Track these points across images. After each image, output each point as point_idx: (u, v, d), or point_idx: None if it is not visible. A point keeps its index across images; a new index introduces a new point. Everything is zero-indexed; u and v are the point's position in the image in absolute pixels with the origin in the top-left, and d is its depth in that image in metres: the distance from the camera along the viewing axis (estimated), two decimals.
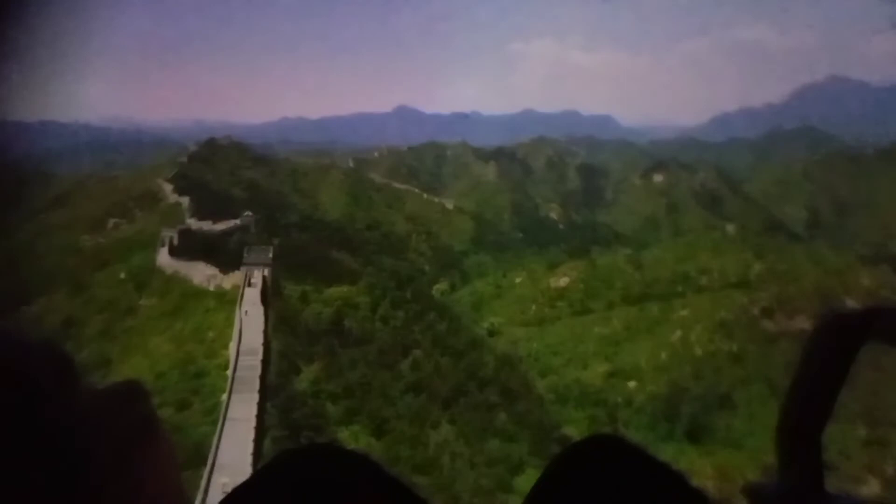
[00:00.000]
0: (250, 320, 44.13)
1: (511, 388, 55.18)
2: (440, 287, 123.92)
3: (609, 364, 69.26)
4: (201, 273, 55.58)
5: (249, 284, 52.67)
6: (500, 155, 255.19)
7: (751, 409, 56.63)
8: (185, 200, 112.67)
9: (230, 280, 54.21)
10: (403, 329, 54.77)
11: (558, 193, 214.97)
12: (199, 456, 28.93)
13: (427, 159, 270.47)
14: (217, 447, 28.63)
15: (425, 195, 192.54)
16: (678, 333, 71.40)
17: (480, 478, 39.51)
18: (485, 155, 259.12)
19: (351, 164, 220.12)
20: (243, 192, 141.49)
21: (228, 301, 47.41)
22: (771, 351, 63.93)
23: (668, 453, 48.56)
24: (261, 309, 45.79)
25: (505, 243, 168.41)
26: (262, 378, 33.52)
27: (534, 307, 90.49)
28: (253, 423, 29.54)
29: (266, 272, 50.67)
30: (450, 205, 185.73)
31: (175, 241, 69.96)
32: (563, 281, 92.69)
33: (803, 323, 64.48)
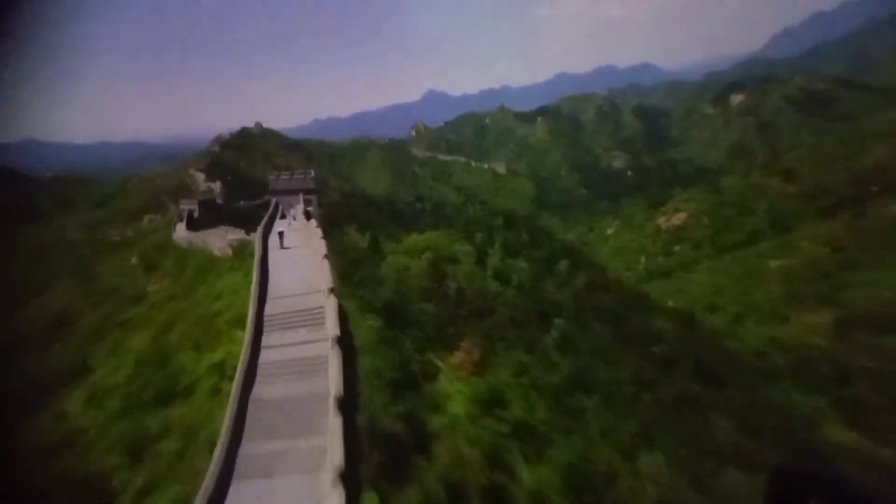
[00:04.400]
0: (294, 235, 32.25)
1: (716, 371, 33.54)
2: None
3: (830, 307, 43.07)
4: (221, 239, 40.84)
5: (283, 217, 38.57)
6: (543, 114, 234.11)
7: None
8: (216, 186, 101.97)
9: (277, 226, 39.83)
10: (532, 286, 37.08)
11: (617, 142, 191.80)
12: None
13: (466, 131, 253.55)
14: None
15: (473, 163, 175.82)
16: None
17: None
18: (527, 118, 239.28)
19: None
20: None
21: (250, 254, 32.57)
22: None
23: None
24: (314, 226, 31.73)
25: (570, 202, 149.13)
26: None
27: (643, 259, 71.10)
28: None
29: (311, 206, 35.97)
30: (501, 169, 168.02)
31: (196, 214, 56.51)
32: (677, 219, 72.88)
33: None
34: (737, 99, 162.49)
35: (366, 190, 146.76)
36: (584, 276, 40.75)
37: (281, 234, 31.70)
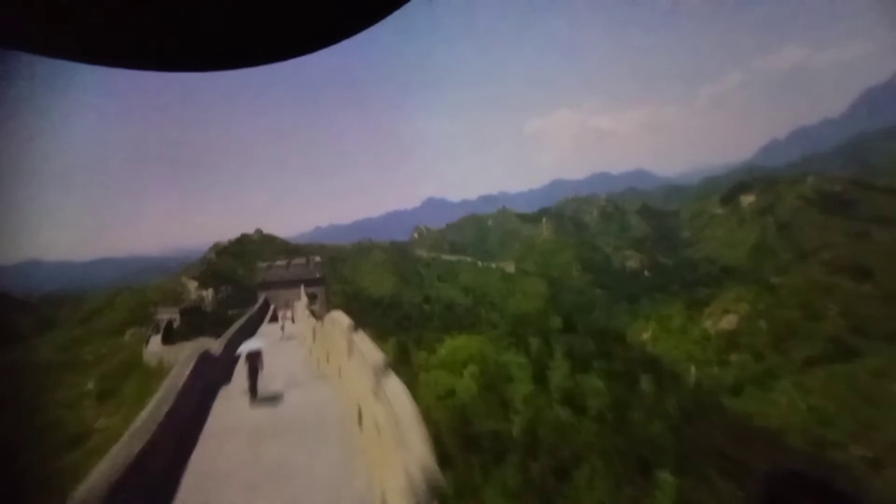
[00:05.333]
0: (287, 355, 19.88)
1: None
2: None
3: None
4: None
5: (275, 320, 28.41)
6: (546, 215, 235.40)
7: None
8: (208, 293, 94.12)
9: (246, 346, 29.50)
10: (617, 416, 26.71)
11: (627, 242, 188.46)
12: None
13: (468, 232, 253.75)
14: None
15: (479, 263, 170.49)
16: None
17: None
18: (531, 218, 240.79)
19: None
20: None
21: None
22: None
23: None
24: (347, 324, 11.52)
25: (587, 303, 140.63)
26: None
27: (693, 369, 60.64)
28: None
29: (317, 303, 27.14)
30: (510, 269, 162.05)
31: (176, 324, 47.57)
32: (727, 322, 63.72)
33: None
34: (747, 199, 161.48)
35: (369, 291, 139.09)
36: (673, 398, 30.86)
37: (253, 359, 13.17)
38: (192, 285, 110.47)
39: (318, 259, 32.32)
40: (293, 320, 28.19)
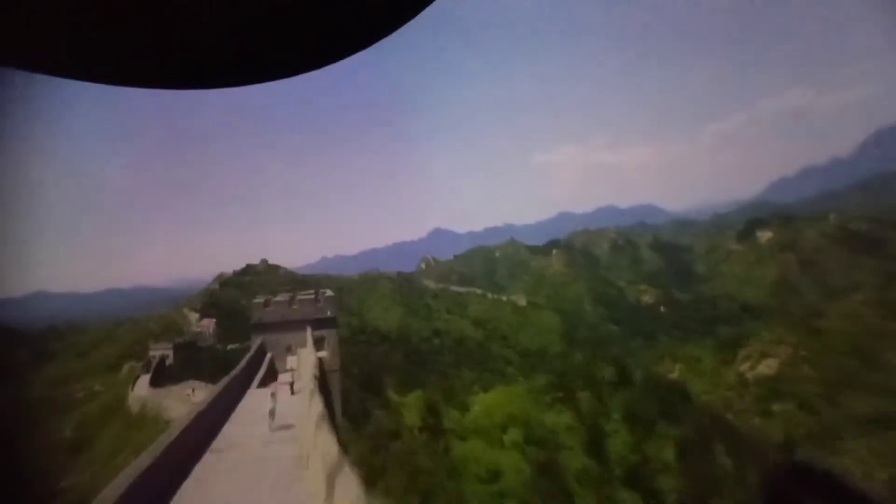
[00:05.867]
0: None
1: None
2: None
3: None
4: (184, 401, 26.84)
5: (264, 383, 20.72)
6: (556, 247, 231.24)
7: None
8: (208, 325, 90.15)
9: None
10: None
11: (640, 276, 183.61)
12: None
13: (476, 264, 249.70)
14: None
15: (489, 295, 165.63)
16: None
17: None
18: (540, 250, 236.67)
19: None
20: None
21: None
22: None
23: None
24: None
25: (601, 338, 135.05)
26: None
27: (730, 417, 55.10)
28: None
29: (326, 349, 22.15)
30: (521, 301, 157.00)
31: (169, 361, 43.58)
32: (766, 366, 58.44)
33: None
34: (764, 235, 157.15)
35: (377, 324, 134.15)
36: (754, 473, 25.89)
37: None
38: (193, 317, 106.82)
39: (329, 293, 27.54)
40: (292, 388, 20.00)
